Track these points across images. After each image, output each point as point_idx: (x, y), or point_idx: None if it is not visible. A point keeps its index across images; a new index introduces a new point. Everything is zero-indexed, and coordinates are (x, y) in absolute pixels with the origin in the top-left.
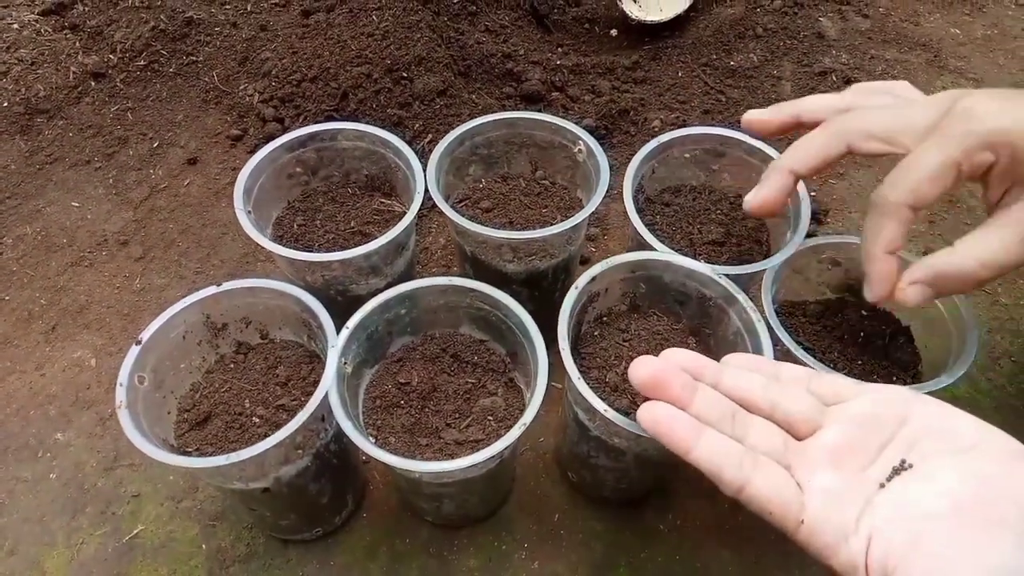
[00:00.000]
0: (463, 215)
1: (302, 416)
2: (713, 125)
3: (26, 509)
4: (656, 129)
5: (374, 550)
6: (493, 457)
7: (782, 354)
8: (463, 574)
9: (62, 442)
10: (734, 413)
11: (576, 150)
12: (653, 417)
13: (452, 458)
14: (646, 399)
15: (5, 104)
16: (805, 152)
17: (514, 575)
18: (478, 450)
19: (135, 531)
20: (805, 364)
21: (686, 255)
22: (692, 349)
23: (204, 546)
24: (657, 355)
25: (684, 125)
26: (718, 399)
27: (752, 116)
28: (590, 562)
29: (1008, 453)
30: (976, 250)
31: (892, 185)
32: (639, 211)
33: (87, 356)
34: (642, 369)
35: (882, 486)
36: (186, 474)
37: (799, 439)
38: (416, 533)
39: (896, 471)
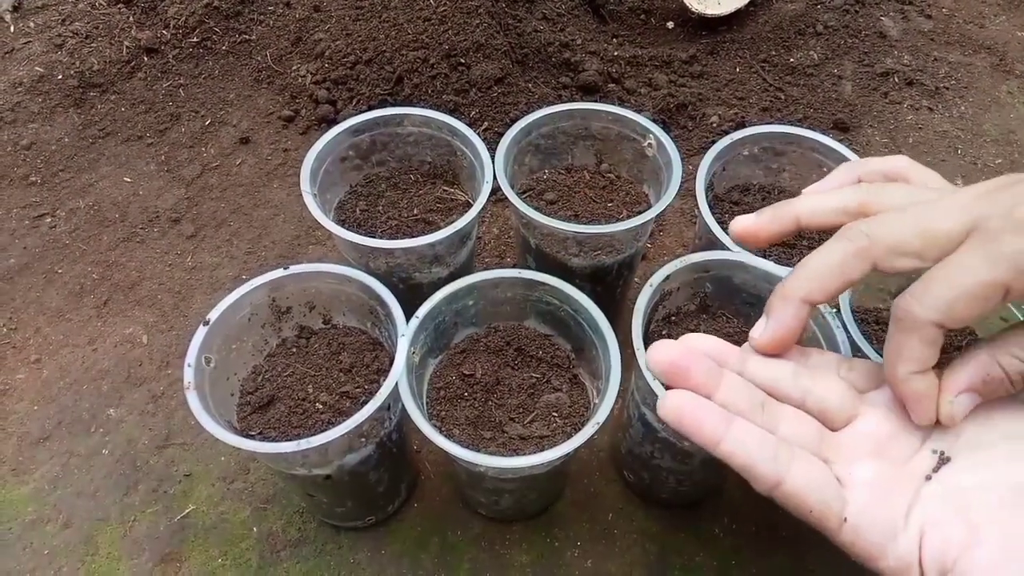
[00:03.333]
0: (528, 206)
1: (373, 404)
2: (777, 123)
3: (80, 483)
4: (714, 125)
5: (425, 540)
6: (564, 455)
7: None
8: (515, 569)
9: (115, 418)
10: (763, 402)
11: (646, 144)
12: (677, 406)
13: (516, 453)
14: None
15: (60, 77)
16: (821, 277)
17: (566, 573)
18: (543, 446)
19: (186, 511)
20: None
21: (756, 256)
22: None
23: (255, 529)
24: None
25: (742, 122)
26: (745, 387)
27: (741, 226)
28: (644, 563)
29: None
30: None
31: (919, 299)
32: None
33: (139, 333)
34: (662, 354)
35: (928, 478)
36: (238, 455)
37: (834, 430)
38: (468, 526)
39: (942, 461)
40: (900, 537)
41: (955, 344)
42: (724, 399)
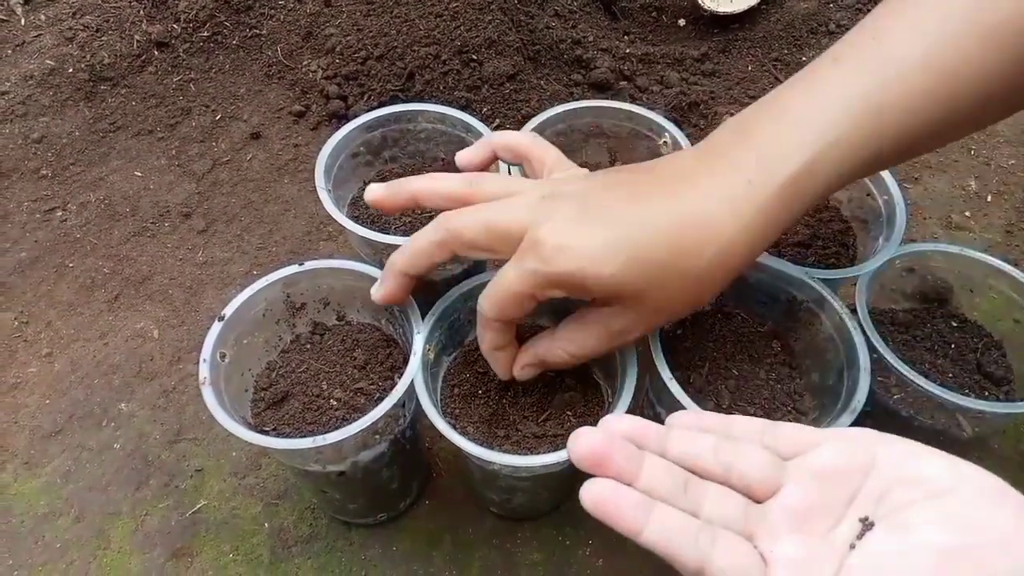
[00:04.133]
0: None
1: (390, 401)
2: None
3: (91, 477)
4: None
5: (437, 538)
6: None
7: (878, 364)
8: (526, 568)
9: (126, 412)
10: (686, 482)
11: (661, 142)
12: (595, 497)
13: (530, 451)
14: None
15: (70, 70)
16: (413, 256)
17: (579, 571)
18: (557, 445)
19: (198, 506)
20: (902, 375)
21: (771, 255)
22: (776, 353)
23: (266, 524)
24: (742, 357)
25: None
26: (668, 469)
27: (372, 195)
28: (656, 562)
29: (988, 492)
30: (567, 344)
31: (485, 298)
32: None
33: (150, 327)
34: (581, 445)
35: (852, 547)
36: (249, 451)
37: (759, 501)
38: (479, 523)
39: (865, 527)
40: None
41: (971, 346)
42: (646, 484)
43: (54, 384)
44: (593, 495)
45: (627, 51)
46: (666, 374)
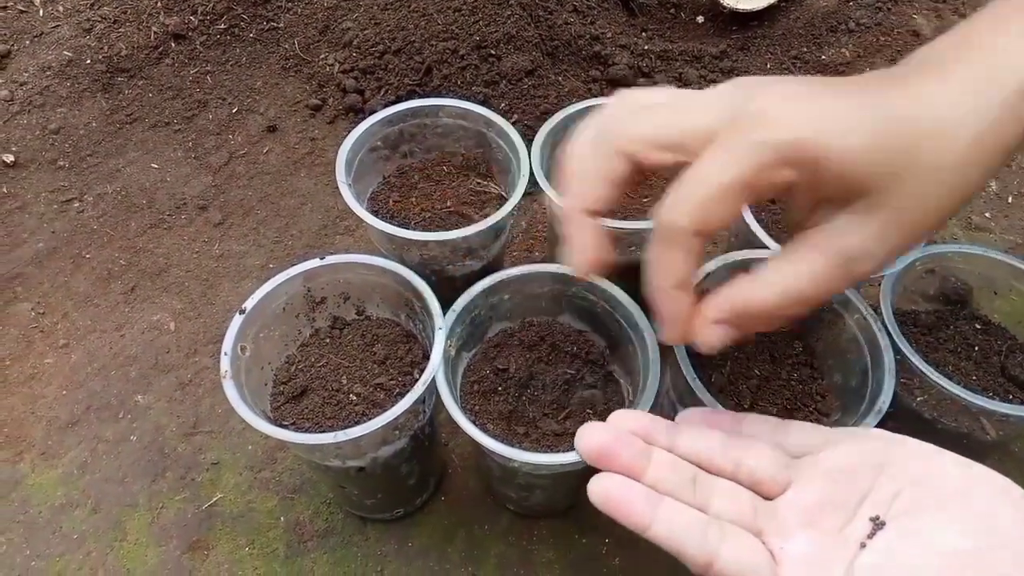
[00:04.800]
0: None
1: (412, 396)
2: None
3: (108, 469)
4: None
5: (452, 534)
6: None
7: (901, 366)
8: (542, 565)
9: (142, 405)
10: (695, 477)
11: None
12: (604, 492)
13: (550, 449)
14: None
15: (88, 61)
16: (581, 181)
17: (595, 570)
18: None
19: (214, 499)
20: (927, 377)
21: None
22: (798, 353)
23: (282, 519)
24: (764, 357)
25: None
26: (675, 464)
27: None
28: (671, 560)
29: (999, 494)
30: (779, 281)
31: (672, 207)
32: None
33: (166, 319)
34: (588, 440)
35: (863, 546)
36: (265, 445)
37: (768, 498)
38: (495, 520)
39: (876, 527)
40: None
41: (995, 349)
42: (654, 479)
43: (71, 375)
44: (601, 490)
45: (645, 48)
46: (689, 373)
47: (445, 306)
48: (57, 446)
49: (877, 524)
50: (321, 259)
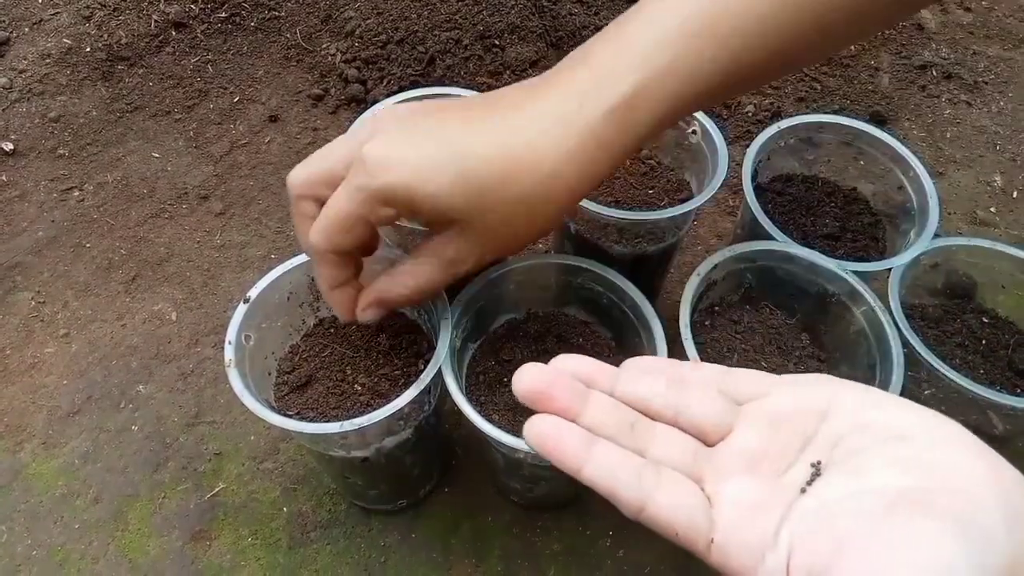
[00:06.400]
0: None
1: (418, 386)
2: (814, 113)
3: (110, 459)
4: (750, 114)
5: (456, 526)
6: None
7: (908, 359)
8: (546, 557)
9: (144, 395)
10: (634, 422)
11: (689, 131)
12: (538, 432)
13: None
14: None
15: (88, 49)
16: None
17: (598, 562)
18: None
19: (216, 489)
20: (935, 370)
21: (802, 247)
22: (805, 346)
23: (285, 509)
24: (771, 349)
25: (778, 112)
26: (614, 407)
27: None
28: (675, 553)
29: (946, 438)
30: (405, 278)
31: (315, 231)
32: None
33: (167, 309)
34: (524, 378)
35: (803, 491)
36: (268, 435)
37: (710, 445)
38: (499, 512)
39: (816, 472)
40: (769, 556)
41: (1003, 343)
42: (591, 421)
43: (72, 365)
44: (534, 430)
45: None
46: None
47: (450, 296)
48: (58, 436)
49: (817, 469)
50: None
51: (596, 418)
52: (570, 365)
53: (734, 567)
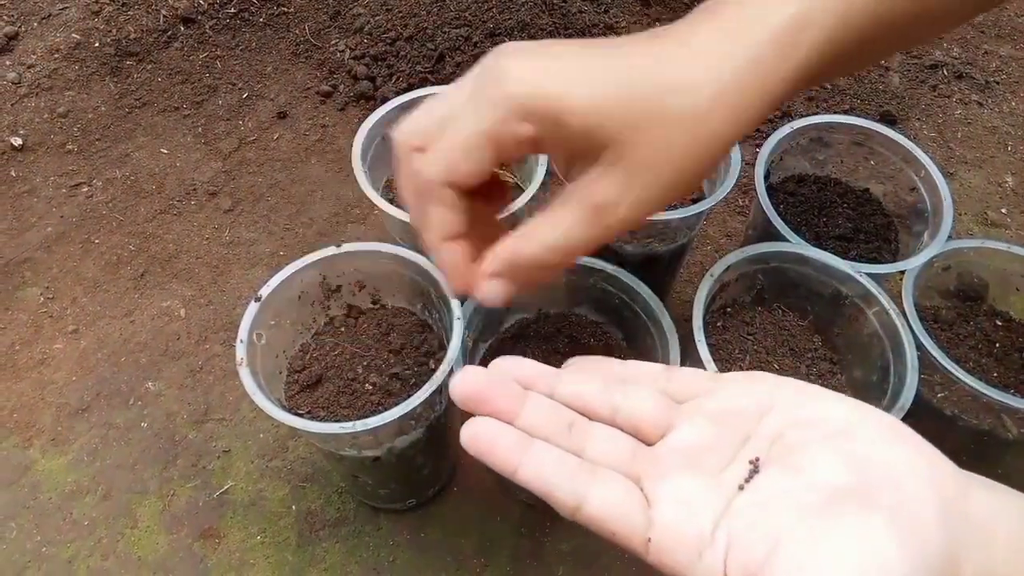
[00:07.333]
0: None
1: (431, 386)
2: (819, 113)
3: (119, 456)
4: None
5: (465, 525)
6: None
7: (922, 362)
8: (555, 557)
9: (153, 391)
10: (571, 423)
11: None
12: (472, 434)
13: None
14: None
15: (96, 44)
16: (429, 213)
17: (607, 563)
18: None
19: (225, 487)
20: (950, 373)
21: (815, 248)
22: (817, 348)
23: (294, 507)
24: (784, 350)
25: (787, 111)
26: (552, 408)
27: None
28: None
29: (884, 432)
30: (542, 231)
31: (427, 160)
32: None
33: (176, 306)
34: (460, 382)
35: (741, 488)
36: (277, 433)
37: (649, 444)
38: (508, 512)
39: (754, 469)
40: (706, 554)
41: (1017, 346)
42: (527, 423)
43: (80, 361)
44: (468, 432)
45: None
46: (711, 367)
47: (463, 297)
48: (67, 432)
49: (755, 465)
50: (338, 247)
51: (533, 420)
52: (509, 367)
53: (671, 565)
